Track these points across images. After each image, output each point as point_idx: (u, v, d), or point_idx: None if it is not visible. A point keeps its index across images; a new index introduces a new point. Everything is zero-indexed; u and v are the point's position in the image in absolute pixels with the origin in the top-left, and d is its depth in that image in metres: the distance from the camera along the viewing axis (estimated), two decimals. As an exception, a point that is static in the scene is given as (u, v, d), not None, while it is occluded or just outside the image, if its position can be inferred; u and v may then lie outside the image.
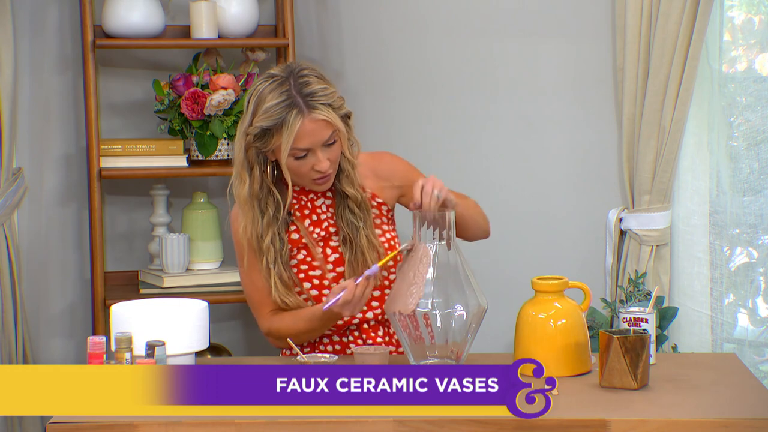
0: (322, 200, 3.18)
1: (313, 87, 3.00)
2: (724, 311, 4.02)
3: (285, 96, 2.99)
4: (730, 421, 2.57)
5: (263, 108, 2.99)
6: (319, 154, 3.03)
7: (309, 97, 2.99)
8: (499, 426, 2.58)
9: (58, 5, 4.15)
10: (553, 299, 2.93)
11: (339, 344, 3.19)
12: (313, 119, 2.99)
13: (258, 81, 3.06)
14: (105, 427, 2.59)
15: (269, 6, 4.27)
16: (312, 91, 3.00)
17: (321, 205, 3.18)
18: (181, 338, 2.85)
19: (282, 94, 2.99)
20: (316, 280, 3.14)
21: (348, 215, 3.14)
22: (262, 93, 3.01)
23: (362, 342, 3.18)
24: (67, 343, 4.24)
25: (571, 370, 2.89)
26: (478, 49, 4.17)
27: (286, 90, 2.99)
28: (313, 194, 3.18)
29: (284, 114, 2.98)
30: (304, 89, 3.00)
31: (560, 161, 4.17)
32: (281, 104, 2.98)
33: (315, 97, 2.99)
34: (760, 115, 3.97)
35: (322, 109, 2.99)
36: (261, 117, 3.00)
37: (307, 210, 3.17)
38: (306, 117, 2.98)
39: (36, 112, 4.17)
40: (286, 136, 2.98)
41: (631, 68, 3.97)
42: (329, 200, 3.18)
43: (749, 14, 4.02)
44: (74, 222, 4.22)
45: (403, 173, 3.25)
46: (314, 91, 3.00)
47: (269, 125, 2.99)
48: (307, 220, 3.17)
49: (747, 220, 3.99)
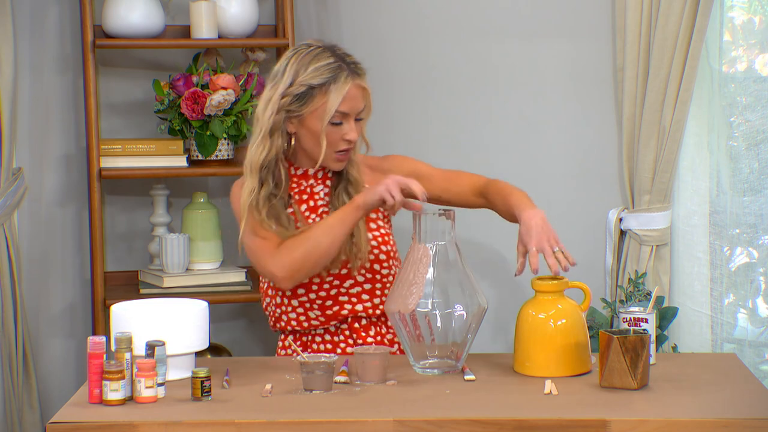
0: (321, 187, 3.20)
1: (354, 58, 3.13)
2: (724, 311, 4.02)
3: (334, 59, 3.09)
4: (730, 421, 2.57)
5: (312, 67, 3.07)
6: (352, 123, 3.11)
7: (353, 65, 3.11)
8: (499, 426, 2.58)
9: (58, 5, 4.15)
10: (553, 299, 2.93)
11: (330, 343, 3.19)
12: (358, 85, 3.10)
13: (292, 50, 3.13)
14: (105, 427, 2.59)
15: (269, 6, 4.27)
16: (354, 60, 3.13)
17: (320, 191, 3.21)
18: (181, 338, 2.85)
19: (330, 56, 3.09)
20: None
21: (344, 198, 3.17)
22: (305, 57, 3.09)
23: (353, 342, 3.18)
24: (67, 343, 4.24)
25: (571, 370, 2.89)
26: (478, 49, 4.17)
27: (333, 54, 3.10)
28: (314, 180, 3.20)
29: (335, 73, 3.07)
30: (348, 58, 3.12)
31: (560, 161, 4.17)
32: (332, 65, 3.08)
33: (358, 67, 3.12)
34: (760, 115, 3.97)
35: (364, 78, 3.12)
36: (309, 75, 3.07)
37: (305, 195, 3.20)
38: (353, 81, 3.09)
39: (36, 112, 4.17)
40: (334, 96, 3.06)
41: (631, 68, 3.97)
42: (327, 188, 3.20)
43: (749, 14, 4.02)
44: (74, 222, 4.22)
45: (405, 165, 3.28)
46: (356, 61, 3.13)
47: (318, 83, 3.06)
48: (304, 204, 3.20)
49: (747, 220, 3.99)
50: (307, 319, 3.19)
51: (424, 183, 3.13)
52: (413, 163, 3.28)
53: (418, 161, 3.29)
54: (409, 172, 3.22)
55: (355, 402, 2.72)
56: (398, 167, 3.25)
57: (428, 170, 3.27)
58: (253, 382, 2.88)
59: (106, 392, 2.69)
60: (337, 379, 2.86)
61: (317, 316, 3.18)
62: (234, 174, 4.16)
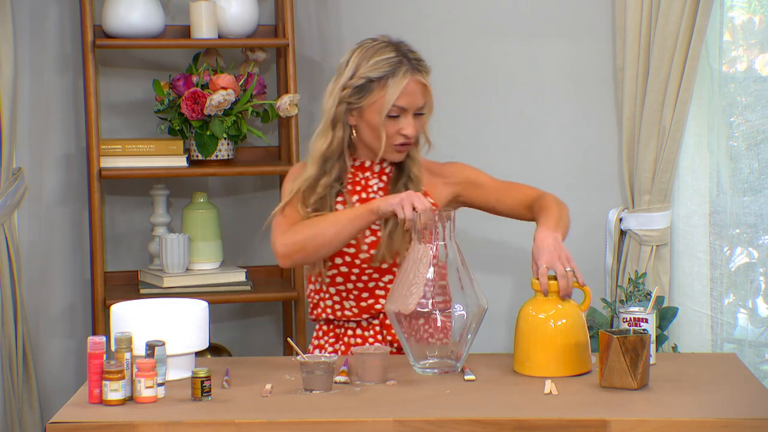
0: (376, 180, 3.23)
1: (417, 55, 3.20)
2: (724, 311, 4.02)
3: (395, 53, 3.14)
4: (730, 421, 2.57)
5: (373, 61, 3.12)
6: (410, 118, 3.15)
7: (416, 60, 3.17)
8: (499, 426, 2.58)
9: (58, 5, 4.15)
10: (553, 299, 2.93)
11: (360, 338, 3.21)
12: (417, 81, 3.14)
13: (358, 44, 3.19)
14: (105, 427, 2.59)
15: (269, 6, 4.27)
16: (417, 57, 3.19)
17: (374, 185, 3.23)
18: (181, 338, 2.85)
19: (392, 51, 3.15)
20: (348, 257, 3.17)
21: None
22: (368, 50, 3.15)
23: (382, 338, 3.19)
24: (67, 343, 4.23)
25: (571, 370, 2.89)
26: (478, 49, 4.17)
27: (395, 49, 3.15)
28: (370, 173, 3.23)
29: (394, 67, 3.12)
30: (410, 54, 3.17)
31: (560, 161, 4.17)
32: (393, 59, 3.13)
33: (420, 63, 3.18)
34: (760, 115, 3.97)
35: (425, 74, 3.16)
36: (369, 68, 3.12)
37: (359, 186, 3.22)
38: (413, 76, 3.13)
39: (36, 112, 4.17)
40: (392, 89, 3.11)
41: (631, 68, 3.97)
42: (382, 183, 3.22)
43: (749, 14, 4.02)
44: (74, 222, 4.22)
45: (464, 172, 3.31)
46: (419, 57, 3.19)
47: (377, 76, 3.11)
48: (355, 195, 3.21)
49: (747, 220, 3.99)
50: (341, 309, 3.21)
51: (480, 192, 3.25)
52: (472, 172, 3.31)
53: (478, 170, 3.32)
54: (466, 179, 3.28)
55: (355, 402, 2.72)
56: (457, 174, 3.29)
57: (486, 180, 3.30)
58: (253, 382, 2.88)
59: (106, 392, 2.69)
60: (337, 379, 2.86)
61: (351, 306, 3.20)
62: (234, 174, 4.17)
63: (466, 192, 3.28)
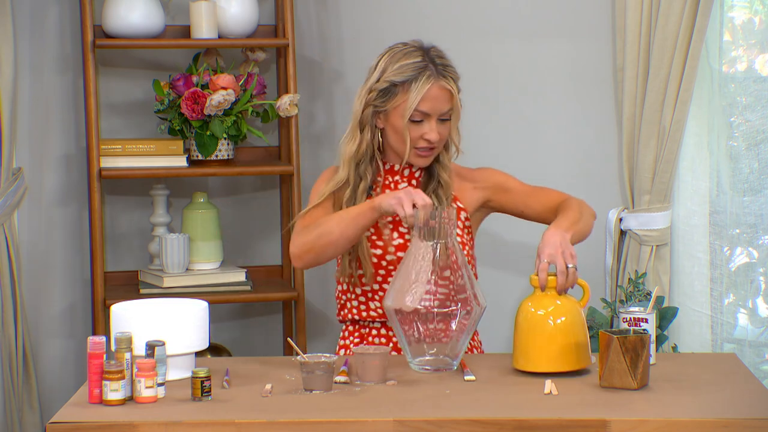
0: (405, 184, 3.24)
1: (446, 61, 3.19)
2: (724, 311, 4.02)
3: (420, 58, 3.15)
4: (730, 421, 2.57)
5: (398, 65, 3.13)
6: (434, 124, 3.15)
7: (442, 66, 3.16)
8: (499, 426, 2.58)
9: (58, 5, 4.15)
10: (552, 295, 2.93)
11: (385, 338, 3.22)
12: (441, 86, 3.14)
13: (388, 47, 3.20)
14: (105, 427, 2.59)
15: (269, 6, 4.27)
16: (445, 63, 3.18)
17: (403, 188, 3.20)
18: (181, 338, 2.85)
19: (418, 56, 3.15)
20: (375, 259, 3.17)
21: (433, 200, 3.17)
22: (396, 54, 3.16)
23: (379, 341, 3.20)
24: (67, 343, 4.23)
25: (570, 366, 2.88)
26: (478, 49, 4.17)
27: (421, 54, 3.15)
28: (399, 176, 3.24)
29: (417, 73, 3.13)
30: (438, 60, 3.17)
31: (560, 161, 4.17)
32: (416, 63, 3.14)
33: (447, 69, 3.17)
34: (760, 115, 3.97)
35: (450, 80, 3.15)
36: (393, 72, 3.13)
37: (388, 190, 3.22)
38: (436, 82, 3.13)
39: (36, 112, 4.17)
40: (414, 94, 3.11)
41: (631, 68, 3.97)
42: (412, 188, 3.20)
43: (749, 14, 4.02)
44: (74, 222, 4.22)
45: (494, 177, 3.31)
46: (446, 63, 3.19)
47: (400, 80, 3.12)
48: None
49: (747, 220, 3.99)
50: (367, 309, 3.21)
51: (509, 197, 3.26)
52: (501, 176, 3.31)
53: (507, 175, 3.32)
54: (495, 184, 3.28)
55: (355, 402, 2.72)
56: (487, 179, 3.29)
57: (515, 185, 3.30)
58: (253, 382, 2.88)
59: (106, 392, 2.69)
60: (337, 379, 2.86)
61: (377, 307, 3.20)
62: (234, 174, 4.17)
63: (496, 197, 3.28)
